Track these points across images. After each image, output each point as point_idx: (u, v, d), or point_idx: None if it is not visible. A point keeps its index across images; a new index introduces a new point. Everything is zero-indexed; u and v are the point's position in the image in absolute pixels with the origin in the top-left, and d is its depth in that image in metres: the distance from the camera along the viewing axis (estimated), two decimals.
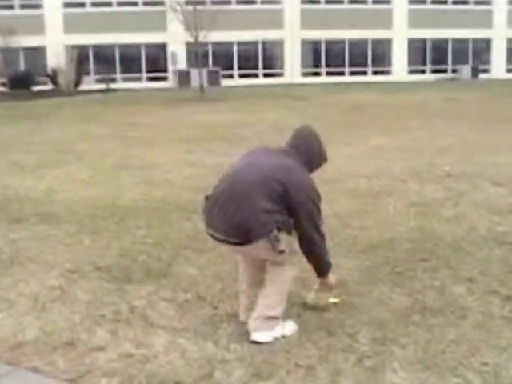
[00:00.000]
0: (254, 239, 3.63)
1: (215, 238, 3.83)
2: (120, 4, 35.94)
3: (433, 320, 4.00)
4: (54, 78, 33.65)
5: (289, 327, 3.88)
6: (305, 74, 38.46)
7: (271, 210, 3.63)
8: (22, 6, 35.24)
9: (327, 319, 4.05)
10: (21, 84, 32.54)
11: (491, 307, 4.19)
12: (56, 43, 34.74)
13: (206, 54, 35.33)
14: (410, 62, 39.89)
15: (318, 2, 38.40)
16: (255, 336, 3.76)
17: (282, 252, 3.67)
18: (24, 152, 11.99)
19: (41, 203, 7.63)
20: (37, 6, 35.20)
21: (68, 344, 3.80)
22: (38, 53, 35.13)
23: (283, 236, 3.66)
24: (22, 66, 35.42)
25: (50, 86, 33.49)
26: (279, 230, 3.64)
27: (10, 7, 35.12)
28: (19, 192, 8.32)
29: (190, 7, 28.55)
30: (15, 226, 6.55)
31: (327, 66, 38.64)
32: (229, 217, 3.66)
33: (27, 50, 34.87)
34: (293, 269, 3.84)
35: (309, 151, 3.93)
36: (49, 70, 34.44)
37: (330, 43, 38.34)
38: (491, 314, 4.08)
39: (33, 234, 6.22)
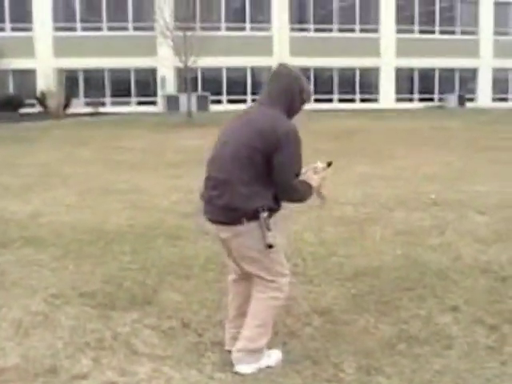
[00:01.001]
0: (242, 217, 3.60)
1: (212, 221, 3.75)
2: (110, 29, 36.06)
3: (419, 349, 3.99)
4: (42, 100, 33.61)
5: (274, 357, 3.84)
6: None
7: (253, 188, 3.61)
8: (13, 29, 35.27)
9: (312, 348, 4.03)
10: (9, 106, 32.47)
11: (477, 336, 4.19)
12: (46, 66, 34.75)
13: (195, 79, 35.45)
14: (398, 90, 40.19)
15: (307, 30, 38.73)
16: (238, 368, 3.73)
17: (270, 247, 3.63)
18: (11, 175, 11.95)
19: (26, 226, 7.58)
20: (27, 29, 35.25)
21: (50, 371, 3.75)
22: (27, 75, 35.10)
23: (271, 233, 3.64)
24: (11, 88, 35.37)
25: (38, 109, 33.44)
26: (269, 215, 3.64)
27: (1, 29, 35.17)
28: (4, 215, 8.27)
29: (180, 33, 28.68)
30: (0, 249, 6.49)
31: (316, 92, 38.82)
32: (216, 202, 3.66)
33: (17, 72, 34.86)
34: (277, 298, 3.78)
35: (288, 95, 3.72)
36: (38, 92, 34.41)
37: (318, 70, 38.60)
38: (477, 344, 4.08)
39: (17, 258, 6.17)
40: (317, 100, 38.77)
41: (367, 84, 40.07)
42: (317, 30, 38.67)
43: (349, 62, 38.37)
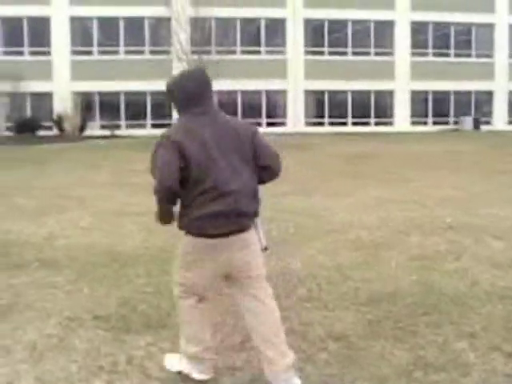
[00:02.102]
0: (250, 222, 3.73)
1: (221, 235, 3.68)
2: (127, 52, 36.40)
3: (435, 376, 3.94)
4: (59, 123, 33.91)
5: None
6: (308, 124, 38.70)
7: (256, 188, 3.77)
8: (31, 53, 35.71)
9: (328, 374, 4.00)
10: (26, 128, 32.78)
11: (494, 364, 4.14)
12: (63, 89, 35.09)
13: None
14: (413, 113, 40.15)
15: (322, 53, 38.88)
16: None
17: (266, 249, 3.76)
18: (26, 196, 12.01)
19: (41, 249, 7.60)
20: (45, 53, 35.66)
21: None
22: (44, 98, 35.43)
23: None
24: (28, 111, 35.71)
25: (55, 131, 33.72)
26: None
27: (20, 53, 35.61)
28: (20, 237, 8.30)
29: (195, 56, 28.91)
30: (15, 271, 6.51)
31: (330, 116, 38.89)
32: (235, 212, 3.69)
33: (34, 95, 35.20)
34: None
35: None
36: (55, 115, 34.72)
37: (333, 93, 38.69)
38: (494, 371, 4.02)
39: (32, 280, 6.18)
40: (331, 123, 38.86)
41: (382, 107, 40.08)
42: (331, 53, 38.82)
43: (363, 85, 38.42)
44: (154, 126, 36.51)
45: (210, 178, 3.61)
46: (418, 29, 39.56)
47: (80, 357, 4.29)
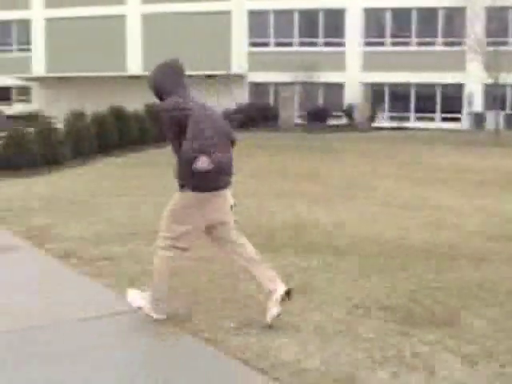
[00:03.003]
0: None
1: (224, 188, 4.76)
2: (419, 44, 36.03)
3: None
4: (349, 113, 34.75)
5: None
6: None
7: None
8: (326, 44, 36.97)
9: None
10: (317, 117, 34.08)
11: None
12: (354, 80, 35.84)
13: (503, 97, 33.78)
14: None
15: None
16: None
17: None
18: (315, 183, 12.48)
19: (330, 235, 7.85)
20: (339, 44, 36.68)
21: (348, 380, 3.83)
22: (336, 88, 36.49)
23: None
24: (320, 101, 37.04)
25: (344, 121, 34.60)
26: None
27: (315, 44, 37.06)
28: (310, 222, 8.65)
29: (491, 48, 27.66)
30: (305, 254, 6.80)
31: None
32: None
33: (326, 85, 36.40)
34: None
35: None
36: (345, 105, 35.63)
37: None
38: None
39: (321, 265, 6.41)
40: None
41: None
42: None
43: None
44: (444, 119, 35.74)
45: None
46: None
47: (365, 345, 4.35)
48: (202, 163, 4.47)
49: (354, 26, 36.33)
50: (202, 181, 4.56)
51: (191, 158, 4.49)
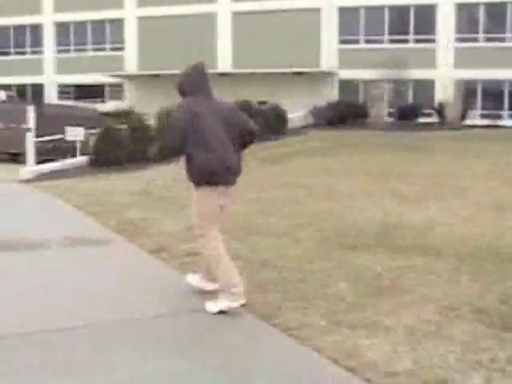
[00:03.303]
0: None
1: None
2: None
3: None
4: (440, 110, 33.99)
5: None
6: None
7: None
8: (416, 40, 36.33)
9: None
10: (407, 115, 33.50)
11: None
12: (445, 77, 35.06)
13: None
14: None
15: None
16: None
17: None
18: (406, 182, 12.28)
19: (420, 234, 7.72)
20: (430, 41, 35.94)
21: (440, 382, 3.75)
22: (426, 85, 35.79)
23: None
24: (410, 98, 36.42)
25: (435, 119, 33.88)
26: None
27: (405, 41, 36.47)
28: (399, 221, 8.53)
29: None
30: (395, 254, 6.71)
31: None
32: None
33: (417, 82, 35.75)
34: None
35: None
36: (436, 102, 34.88)
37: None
38: None
39: (412, 264, 6.31)
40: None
41: None
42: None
43: None
44: None
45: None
46: None
47: (458, 348, 4.25)
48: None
49: (445, 22, 35.51)
50: (212, 180, 5.01)
51: (203, 168, 4.95)
